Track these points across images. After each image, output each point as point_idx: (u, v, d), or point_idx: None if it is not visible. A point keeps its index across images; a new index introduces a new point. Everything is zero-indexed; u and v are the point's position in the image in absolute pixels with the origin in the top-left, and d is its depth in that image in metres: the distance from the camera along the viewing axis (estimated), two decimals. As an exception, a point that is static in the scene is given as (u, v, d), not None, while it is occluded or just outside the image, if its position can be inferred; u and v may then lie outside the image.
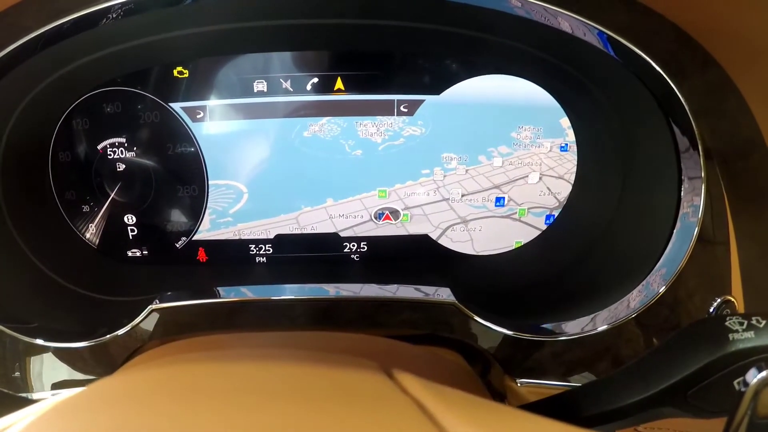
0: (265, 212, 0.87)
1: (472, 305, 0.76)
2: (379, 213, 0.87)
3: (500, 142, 0.84)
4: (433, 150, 0.84)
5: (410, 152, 0.84)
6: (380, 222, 0.88)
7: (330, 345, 0.68)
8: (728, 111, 0.68)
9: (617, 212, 0.81)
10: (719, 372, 0.47)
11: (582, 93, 0.78)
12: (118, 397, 0.41)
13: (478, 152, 0.84)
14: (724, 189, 0.71)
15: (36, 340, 0.75)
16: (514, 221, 0.87)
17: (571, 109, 0.82)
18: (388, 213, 0.87)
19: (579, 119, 0.82)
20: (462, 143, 0.84)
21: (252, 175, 0.85)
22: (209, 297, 0.78)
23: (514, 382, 0.77)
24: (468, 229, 0.89)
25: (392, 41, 0.77)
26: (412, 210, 0.87)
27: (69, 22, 0.65)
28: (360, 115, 0.82)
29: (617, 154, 0.79)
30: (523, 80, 0.81)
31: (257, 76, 0.80)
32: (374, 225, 0.88)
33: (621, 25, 0.65)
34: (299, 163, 0.84)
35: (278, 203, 0.87)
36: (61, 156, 0.83)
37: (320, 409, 0.35)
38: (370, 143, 0.83)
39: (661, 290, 0.71)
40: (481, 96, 0.81)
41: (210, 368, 0.45)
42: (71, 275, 0.85)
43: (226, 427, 0.32)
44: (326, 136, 0.83)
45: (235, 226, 0.88)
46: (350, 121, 0.82)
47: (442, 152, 0.84)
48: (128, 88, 0.80)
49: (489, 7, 0.64)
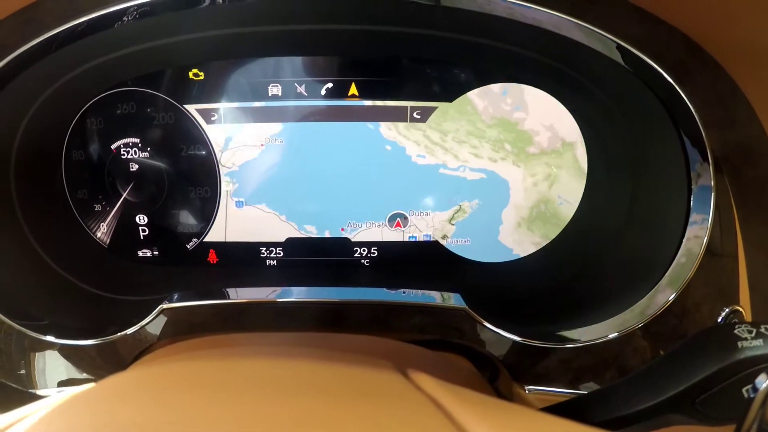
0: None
1: (481, 311, 0.76)
2: (392, 217, 0.87)
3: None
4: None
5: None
6: (393, 228, 0.88)
7: (341, 346, 0.68)
8: (737, 121, 0.69)
9: (627, 221, 0.81)
10: (728, 379, 0.48)
11: (592, 102, 0.79)
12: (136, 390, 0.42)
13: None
14: (733, 198, 0.71)
15: (47, 337, 0.75)
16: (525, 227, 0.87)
17: (581, 118, 0.83)
18: (400, 220, 0.87)
19: (589, 128, 0.83)
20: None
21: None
22: (219, 298, 0.79)
23: (522, 389, 0.77)
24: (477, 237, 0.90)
25: (406, 48, 0.78)
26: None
27: (85, 22, 0.66)
28: (373, 121, 0.82)
29: (627, 163, 0.80)
30: (534, 89, 0.81)
31: (272, 80, 0.80)
32: (387, 230, 0.88)
33: (632, 36, 0.66)
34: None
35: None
36: (75, 155, 0.84)
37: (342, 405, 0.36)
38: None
39: (670, 299, 0.71)
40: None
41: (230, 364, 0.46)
42: (82, 274, 0.85)
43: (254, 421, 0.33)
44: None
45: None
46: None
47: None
48: (143, 89, 0.81)
49: (503, 17, 0.65)
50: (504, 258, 0.90)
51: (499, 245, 0.88)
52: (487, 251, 0.90)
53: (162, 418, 0.34)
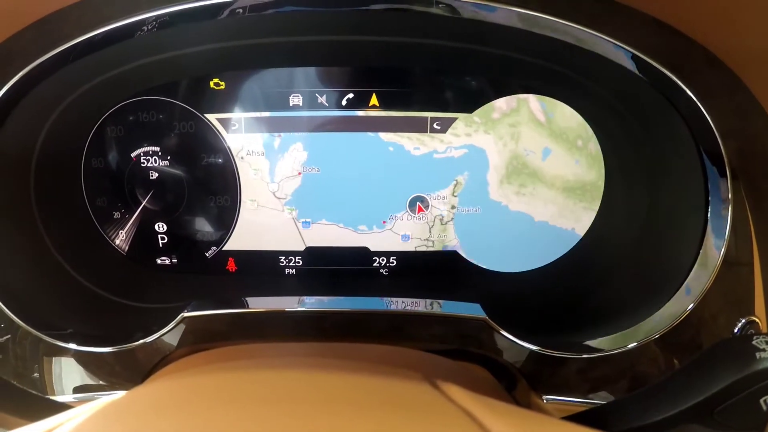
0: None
1: (500, 321, 0.77)
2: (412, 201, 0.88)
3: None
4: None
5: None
6: (416, 214, 0.88)
7: (363, 356, 0.68)
8: (755, 133, 0.69)
9: (644, 231, 0.81)
10: (746, 390, 0.48)
11: (609, 113, 0.79)
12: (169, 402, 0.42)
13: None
14: (749, 210, 0.71)
15: (68, 345, 0.76)
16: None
17: (599, 129, 0.83)
18: (420, 204, 0.88)
19: (607, 138, 0.83)
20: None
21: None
22: (239, 307, 0.79)
23: (540, 399, 0.77)
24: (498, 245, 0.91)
25: (427, 59, 0.78)
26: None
27: (104, 32, 0.66)
28: (393, 131, 0.83)
29: (645, 173, 0.80)
30: (552, 100, 0.82)
31: (293, 90, 0.81)
32: (408, 215, 0.88)
33: (651, 48, 0.66)
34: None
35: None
36: (94, 162, 0.85)
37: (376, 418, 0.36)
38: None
39: (687, 309, 0.71)
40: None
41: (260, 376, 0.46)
42: (101, 281, 0.86)
43: None
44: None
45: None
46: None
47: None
48: (164, 98, 0.82)
49: (522, 29, 0.65)
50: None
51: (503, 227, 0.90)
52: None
53: (196, 431, 0.35)
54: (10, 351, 0.78)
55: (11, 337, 0.77)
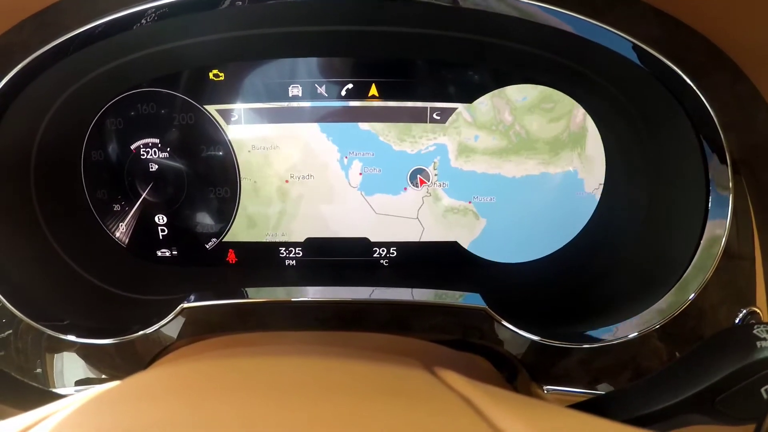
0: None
1: (500, 311, 0.76)
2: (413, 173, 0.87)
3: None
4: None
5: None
6: (419, 188, 0.87)
7: (364, 345, 0.68)
8: (757, 124, 0.69)
9: (645, 222, 0.81)
10: (747, 379, 0.49)
11: (611, 104, 0.79)
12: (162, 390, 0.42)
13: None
14: (750, 201, 0.72)
15: (67, 337, 0.76)
16: (543, 228, 0.88)
17: (600, 120, 0.83)
18: (421, 177, 0.87)
19: (608, 130, 0.83)
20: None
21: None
22: (239, 297, 0.79)
23: (541, 389, 0.77)
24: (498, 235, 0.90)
25: (426, 49, 0.78)
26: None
27: (103, 24, 0.66)
28: (393, 122, 0.83)
29: (645, 165, 0.80)
30: (552, 90, 0.82)
31: (292, 81, 0.81)
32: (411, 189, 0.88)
33: (652, 38, 0.66)
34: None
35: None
36: (94, 155, 0.85)
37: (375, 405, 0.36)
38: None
39: (689, 299, 0.71)
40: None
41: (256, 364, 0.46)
42: (101, 273, 0.86)
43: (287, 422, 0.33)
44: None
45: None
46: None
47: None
48: (163, 90, 0.81)
49: (522, 18, 0.65)
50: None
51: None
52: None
53: (189, 419, 0.34)
54: (12, 345, 0.78)
55: (13, 331, 0.77)
